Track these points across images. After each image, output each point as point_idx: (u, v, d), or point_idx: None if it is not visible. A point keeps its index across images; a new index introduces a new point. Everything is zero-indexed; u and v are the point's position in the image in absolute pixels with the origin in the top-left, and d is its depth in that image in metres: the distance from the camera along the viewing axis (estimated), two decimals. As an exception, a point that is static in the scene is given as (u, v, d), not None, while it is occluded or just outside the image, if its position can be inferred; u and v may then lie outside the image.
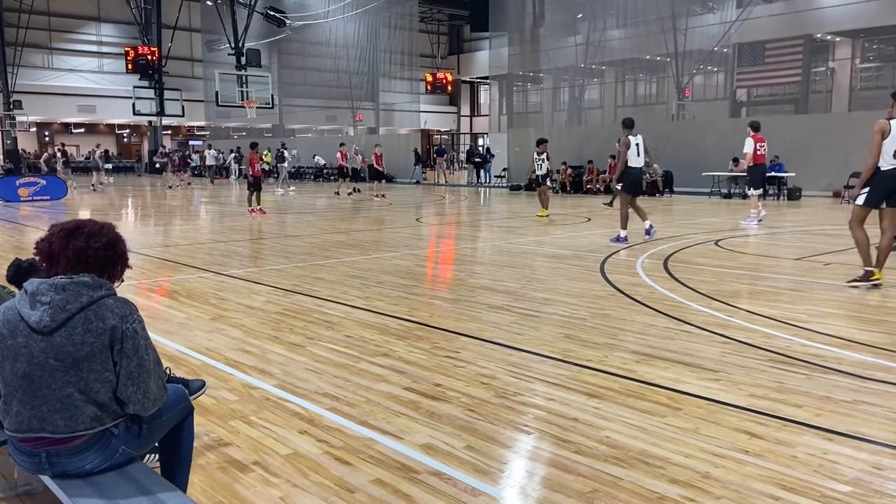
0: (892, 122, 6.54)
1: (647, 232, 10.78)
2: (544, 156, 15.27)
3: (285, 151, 33.96)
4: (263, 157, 33.00)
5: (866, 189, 6.83)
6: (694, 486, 2.88)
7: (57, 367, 2.15)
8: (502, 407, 3.81)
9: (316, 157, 35.81)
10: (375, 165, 22.01)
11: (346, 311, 6.19)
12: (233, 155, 37.48)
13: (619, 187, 10.95)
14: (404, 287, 7.29)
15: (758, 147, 12.90)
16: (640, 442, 3.32)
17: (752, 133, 12.86)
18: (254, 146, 17.18)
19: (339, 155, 23.11)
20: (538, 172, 15.41)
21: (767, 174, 19.59)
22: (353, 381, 4.25)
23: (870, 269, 6.89)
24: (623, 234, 10.57)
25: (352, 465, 3.12)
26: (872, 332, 5.28)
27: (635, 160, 10.61)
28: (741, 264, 8.57)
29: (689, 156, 22.05)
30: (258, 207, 16.32)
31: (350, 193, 22.83)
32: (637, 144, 10.63)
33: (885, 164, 6.63)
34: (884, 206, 6.82)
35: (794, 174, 19.30)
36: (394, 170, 33.61)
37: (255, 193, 16.28)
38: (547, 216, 14.93)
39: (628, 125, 10.76)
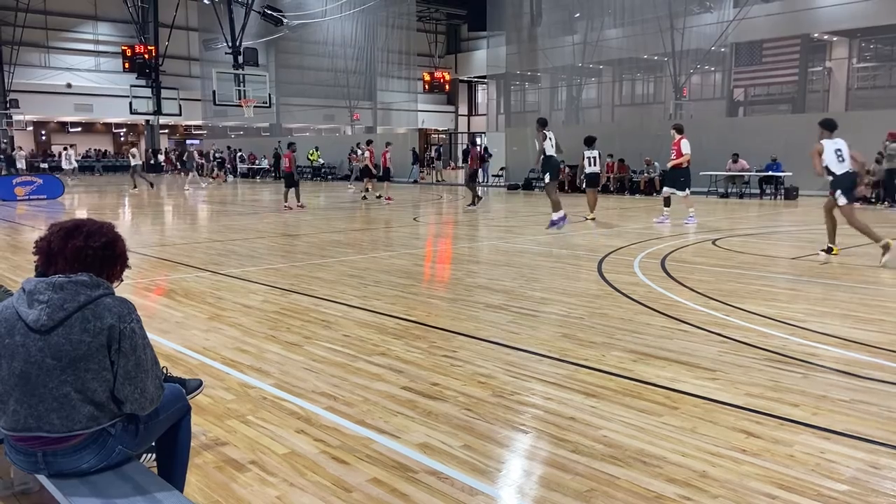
0: (824, 141, 8.47)
1: (553, 223, 12.39)
2: (595, 154, 14.36)
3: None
4: (310, 155, 32.99)
5: (839, 192, 8.46)
6: (691, 485, 2.88)
7: (54, 367, 2.14)
8: (500, 406, 3.81)
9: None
10: (382, 165, 21.62)
11: (343, 310, 6.18)
12: (234, 154, 37.50)
13: (546, 178, 12.78)
14: (402, 286, 7.28)
15: (588, 158, 14.37)
16: (637, 441, 3.32)
17: (680, 136, 13.84)
18: (290, 146, 18.24)
19: (367, 154, 21.82)
20: (587, 170, 14.53)
21: (765, 173, 19.71)
22: (351, 381, 4.24)
23: (882, 242, 8.19)
24: (556, 216, 12.24)
25: (349, 465, 3.12)
26: (869, 331, 5.29)
27: (552, 151, 12.58)
28: (738, 263, 8.57)
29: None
30: (298, 204, 17.43)
31: (378, 196, 21.06)
32: (550, 139, 12.56)
33: (839, 169, 8.38)
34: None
35: (790, 174, 19.33)
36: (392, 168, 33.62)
37: (290, 189, 17.47)
38: (595, 218, 13.97)
39: (543, 124, 12.80)
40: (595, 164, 14.40)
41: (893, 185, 17.07)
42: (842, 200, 8.40)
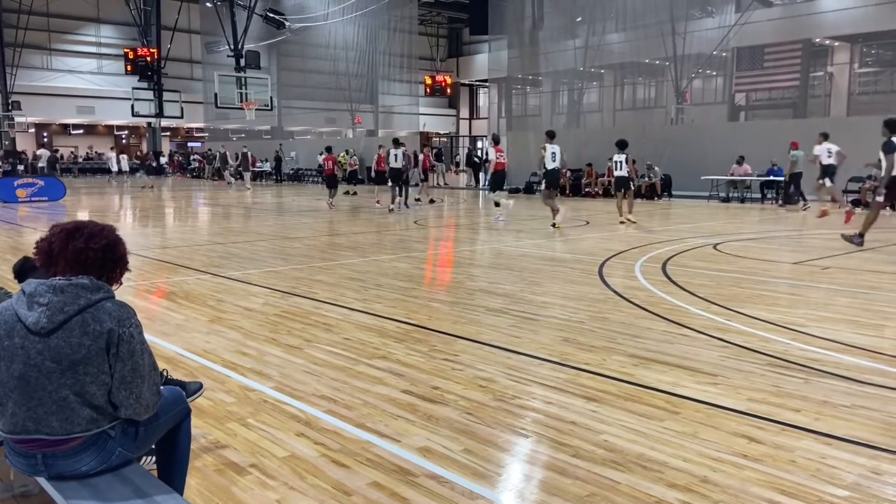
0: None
1: (553, 226, 13.18)
2: (623, 158, 13.99)
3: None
4: (340, 157, 32.79)
5: None
6: (692, 490, 2.87)
7: (53, 370, 2.14)
8: (500, 410, 3.80)
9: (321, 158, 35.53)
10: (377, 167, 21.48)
11: (344, 313, 6.18)
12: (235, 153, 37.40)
13: (542, 186, 14.02)
14: (402, 289, 7.28)
15: (498, 156, 15.46)
16: (638, 446, 3.31)
17: (494, 146, 15.49)
18: (329, 149, 19.74)
19: (421, 156, 21.76)
20: (616, 174, 14.30)
21: (765, 178, 19.71)
22: (351, 384, 4.24)
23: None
24: (559, 218, 13.36)
25: (349, 468, 3.11)
26: (870, 336, 5.28)
27: (551, 164, 13.32)
28: (739, 268, 8.56)
29: (688, 159, 22.05)
30: (330, 202, 18.65)
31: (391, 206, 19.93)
32: (553, 153, 13.29)
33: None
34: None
35: (792, 178, 19.28)
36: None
37: (330, 190, 18.94)
38: (624, 222, 13.74)
39: (550, 136, 13.68)
40: (622, 169, 14.06)
41: (799, 189, 18.31)
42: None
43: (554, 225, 13.28)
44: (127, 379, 2.20)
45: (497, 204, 15.22)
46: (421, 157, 22.63)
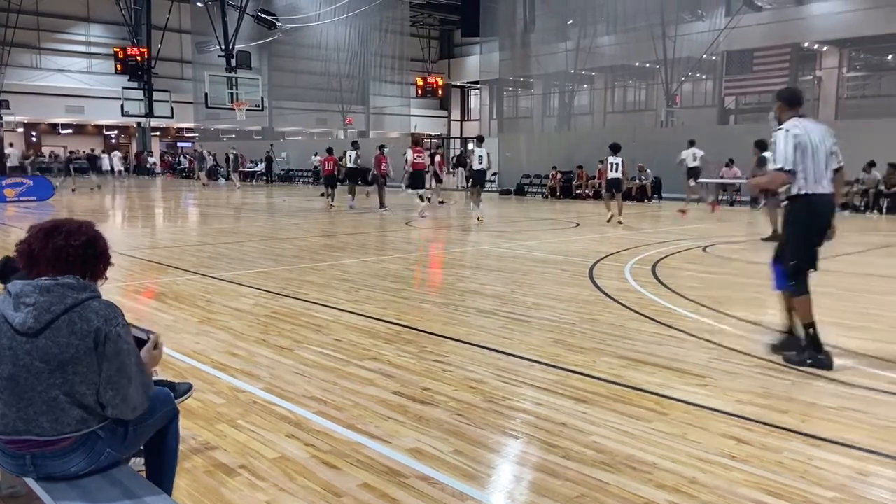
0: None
1: (478, 218, 14.93)
2: (619, 161, 14.47)
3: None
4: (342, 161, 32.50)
5: None
6: (681, 491, 2.89)
7: (42, 370, 2.13)
8: (490, 411, 3.81)
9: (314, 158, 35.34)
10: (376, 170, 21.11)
11: (334, 314, 6.17)
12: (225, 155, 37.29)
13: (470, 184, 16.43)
14: (393, 291, 7.28)
15: (415, 157, 16.63)
16: (627, 447, 3.33)
17: (412, 147, 16.81)
18: (330, 150, 19.84)
19: (438, 158, 21.57)
20: (610, 175, 14.64)
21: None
22: (341, 385, 4.23)
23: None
24: (476, 212, 15.27)
25: (339, 470, 3.11)
26: (858, 338, 5.32)
27: (478, 165, 15.74)
28: (729, 270, 8.62)
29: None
30: (331, 204, 18.98)
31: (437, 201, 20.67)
32: (480, 156, 15.58)
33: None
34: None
35: (781, 181, 19.43)
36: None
37: (330, 190, 19.27)
38: (610, 220, 14.27)
39: (480, 140, 16.08)
40: (617, 171, 14.46)
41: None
42: None
43: (479, 219, 15.07)
44: (113, 378, 2.19)
45: (421, 198, 16.64)
46: (437, 159, 22.57)
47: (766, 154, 18.20)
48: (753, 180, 5.06)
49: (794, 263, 4.77)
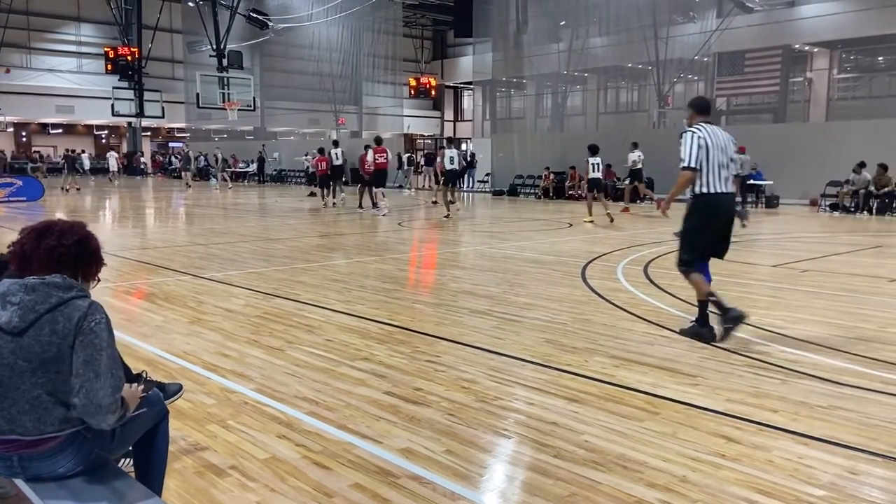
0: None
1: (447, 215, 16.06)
2: (599, 161, 15.26)
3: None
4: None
5: None
6: (671, 490, 2.89)
7: (26, 369, 2.11)
8: (482, 411, 3.81)
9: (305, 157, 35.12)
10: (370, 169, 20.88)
11: (326, 314, 6.16)
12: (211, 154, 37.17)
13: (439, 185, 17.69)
14: (386, 291, 7.27)
15: (378, 157, 17.08)
16: (618, 446, 3.33)
17: (374, 147, 17.19)
18: (322, 151, 19.83)
19: (438, 160, 21.41)
20: (591, 175, 15.38)
21: (748, 182, 19.91)
22: (333, 385, 4.23)
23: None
24: (445, 213, 16.36)
25: (330, 470, 3.10)
26: (848, 338, 5.35)
27: (450, 165, 16.75)
28: (719, 270, 8.61)
29: (670, 163, 22.16)
30: (325, 202, 19.39)
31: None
32: (451, 157, 16.72)
33: None
34: None
35: (771, 182, 19.55)
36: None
37: (324, 190, 19.43)
38: (592, 221, 14.77)
39: (451, 142, 17.71)
40: (598, 171, 15.28)
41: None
42: None
43: (447, 216, 16.04)
44: (79, 371, 2.12)
45: (383, 196, 17.33)
46: (438, 161, 22.35)
47: (738, 155, 18.99)
48: (668, 196, 5.45)
49: (688, 254, 5.34)
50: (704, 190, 5.17)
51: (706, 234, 5.28)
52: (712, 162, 5.15)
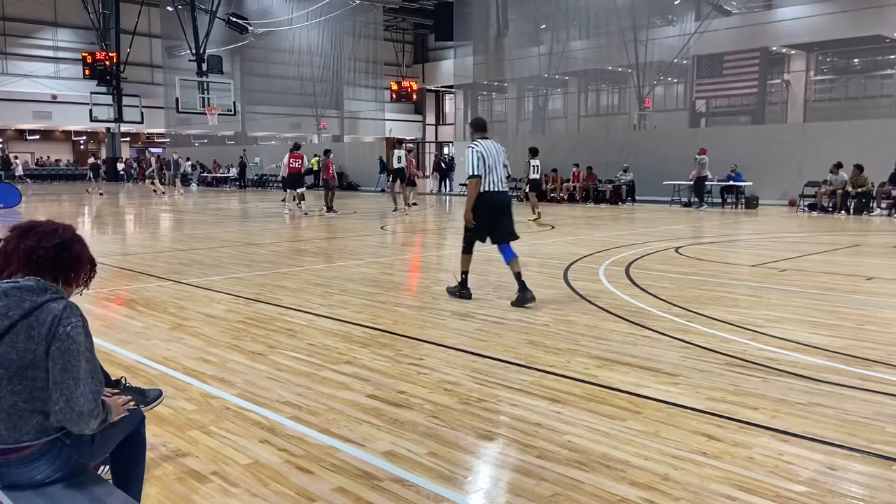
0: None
1: (398, 210, 17.82)
2: (538, 162, 16.72)
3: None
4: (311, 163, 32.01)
5: None
6: (654, 488, 2.91)
7: (2, 376, 2.07)
8: (466, 413, 3.81)
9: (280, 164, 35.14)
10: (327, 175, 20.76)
11: (308, 319, 6.13)
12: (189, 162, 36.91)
13: (396, 184, 19.17)
14: (368, 294, 7.25)
15: (292, 161, 18.00)
16: (601, 445, 3.35)
17: (291, 152, 18.12)
18: (297, 146, 19.29)
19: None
20: (532, 177, 16.91)
21: (727, 183, 20.14)
22: (316, 389, 4.20)
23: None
24: (399, 210, 18.50)
25: (313, 474, 3.08)
26: (826, 336, 5.41)
27: (397, 164, 18.59)
28: (700, 271, 8.72)
29: (650, 165, 22.43)
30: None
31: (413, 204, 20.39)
32: (399, 156, 18.48)
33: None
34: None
35: (751, 183, 19.76)
36: (358, 178, 33.54)
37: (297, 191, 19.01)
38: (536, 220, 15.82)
39: (399, 142, 19.49)
40: (537, 172, 16.86)
41: (701, 192, 20.08)
42: None
43: (397, 210, 17.78)
44: (57, 379, 2.07)
45: (302, 197, 18.51)
46: (405, 162, 21.98)
47: (699, 156, 19.69)
48: (467, 206, 6.74)
49: (469, 236, 6.94)
50: (484, 190, 6.61)
51: (485, 221, 6.74)
52: (491, 169, 6.59)
